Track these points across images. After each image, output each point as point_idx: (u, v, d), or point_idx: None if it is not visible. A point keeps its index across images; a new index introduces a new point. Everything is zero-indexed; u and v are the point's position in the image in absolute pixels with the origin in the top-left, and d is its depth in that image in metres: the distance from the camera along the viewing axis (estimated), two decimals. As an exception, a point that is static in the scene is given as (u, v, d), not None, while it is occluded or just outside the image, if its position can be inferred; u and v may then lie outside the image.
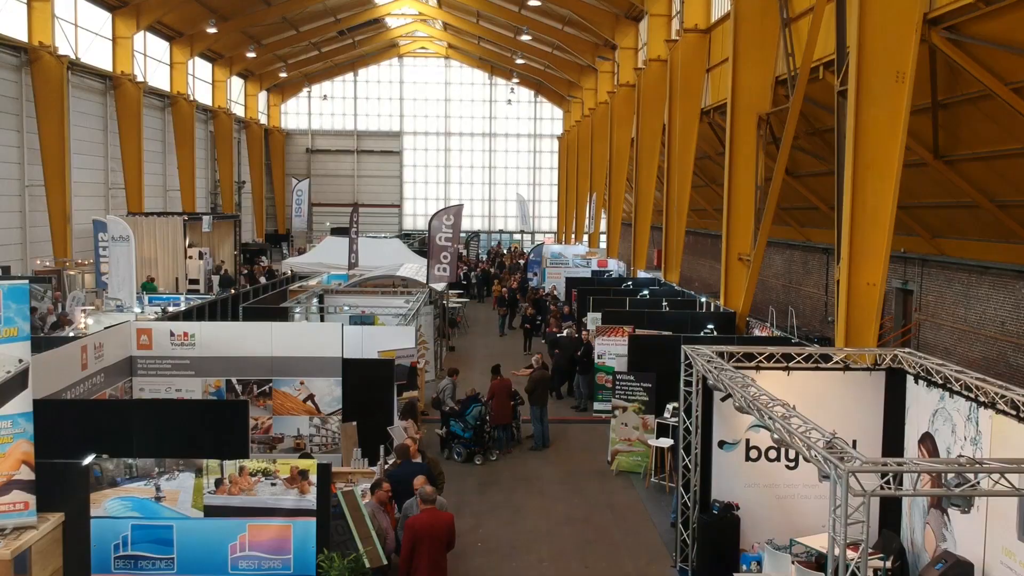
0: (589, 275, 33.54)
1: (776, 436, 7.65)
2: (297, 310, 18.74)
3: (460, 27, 52.84)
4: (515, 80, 59.15)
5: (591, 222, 45.69)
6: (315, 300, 20.86)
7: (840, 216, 14.53)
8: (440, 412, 16.07)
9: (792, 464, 10.90)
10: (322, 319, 20.82)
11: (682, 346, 11.04)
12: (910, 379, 10.57)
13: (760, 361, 10.81)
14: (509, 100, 63.39)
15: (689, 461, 10.95)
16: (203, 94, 48.45)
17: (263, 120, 59.68)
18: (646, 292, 22.52)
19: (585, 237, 48.98)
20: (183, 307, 19.82)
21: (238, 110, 54.50)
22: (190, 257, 36.03)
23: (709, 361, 10.37)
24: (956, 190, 17.97)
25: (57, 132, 30.36)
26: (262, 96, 59.62)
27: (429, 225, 22.41)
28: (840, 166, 14.85)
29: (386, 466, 10.93)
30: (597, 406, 18.74)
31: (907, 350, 10.84)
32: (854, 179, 13.24)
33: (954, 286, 21.03)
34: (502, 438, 16.10)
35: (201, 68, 48.36)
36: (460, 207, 23.19)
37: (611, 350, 18.44)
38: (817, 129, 20.96)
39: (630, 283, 25.31)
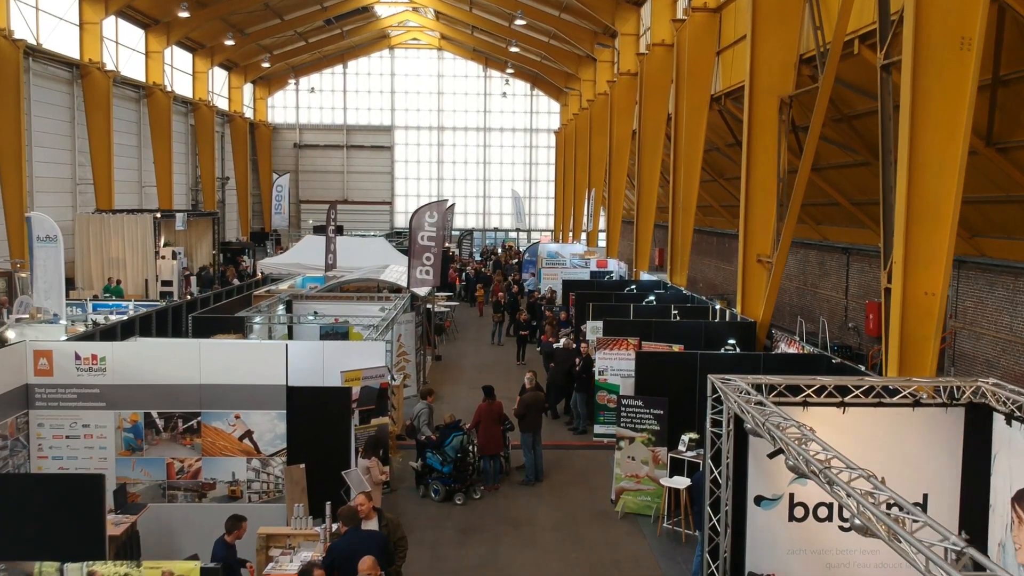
0: (588, 277, 31.25)
1: (859, 523, 5.37)
2: (257, 320, 16.43)
3: (453, 15, 50.48)
4: (509, 71, 56.70)
5: (590, 220, 43.40)
6: (281, 307, 18.57)
7: (887, 213, 12.29)
8: (416, 442, 13.78)
9: (847, 525, 8.62)
10: (290, 331, 18.56)
11: (709, 376, 8.74)
12: (999, 419, 8.30)
13: (808, 395, 8.53)
14: (504, 93, 61.05)
15: (718, 521, 8.68)
16: (183, 86, 46.10)
17: (248, 114, 57.31)
18: (652, 298, 20.19)
19: (583, 235, 46.72)
20: (132, 315, 17.46)
21: (221, 103, 52.14)
22: (162, 257, 33.82)
23: (745, 396, 8.09)
24: (1008, 182, 15.70)
25: (13, 122, 27.98)
26: (247, 89, 57.25)
27: (410, 223, 20.09)
28: (886, 153, 12.61)
29: (333, 528, 8.66)
30: (598, 429, 16.46)
31: (993, 381, 8.57)
32: (910, 168, 10.95)
33: (997, 291, 18.76)
34: (488, 471, 13.81)
35: (181, 58, 46.01)
36: (445, 203, 20.89)
37: (614, 366, 16.16)
38: (844, 115, 18.66)
39: (633, 287, 23.01)
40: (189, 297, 23.13)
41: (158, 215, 33.66)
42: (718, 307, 18.45)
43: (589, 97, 44.08)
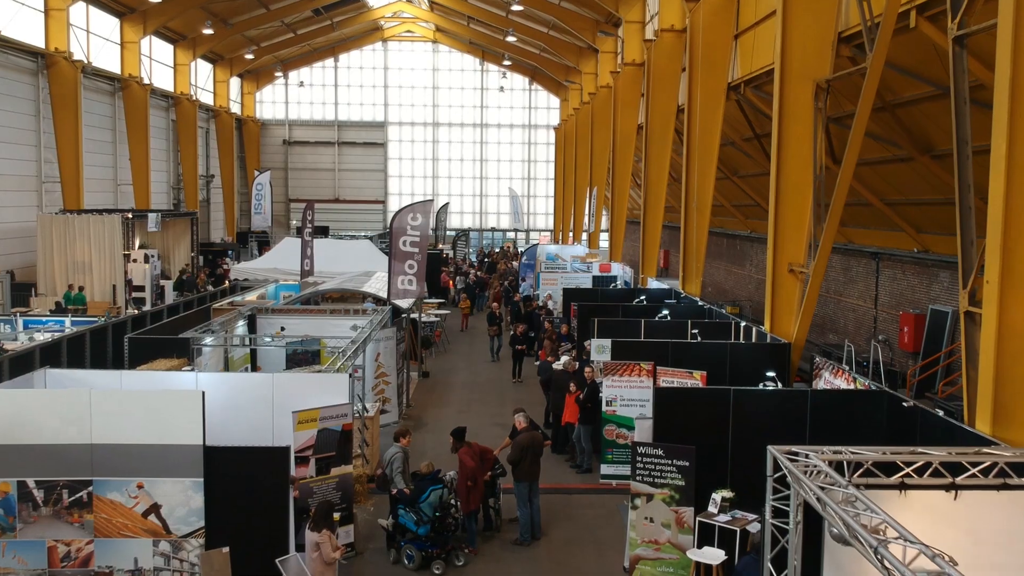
0: (590, 283, 28.92)
1: None
2: (207, 341, 14.04)
3: (448, 5, 48.13)
4: (507, 62, 54.21)
5: (591, 220, 41.04)
6: (242, 323, 16.20)
7: (964, 218, 9.97)
8: (388, 495, 11.40)
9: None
10: (253, 357, 16.25)
11: (771, 451, 6.38)
12: None
13: (907, 475, 6.17)
14: (502, 87, 58.61)
15: (780, 647, 6.33)
16: (164, 79, 43.73)
17: (235, 109, 54.91)
18: (666, 312, 17.79)
19: (584, 236, 44.36)
20: (65, 332, 15.05)
21: (206, 98, 49.77)
22: (134, 260, 31.48)
23: (823, 480, 5.73)
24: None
25: (-34, 115, 25.71)
26: (234, 83, 54.88)
27: (391, 227, 17.70)
28: (962, 145, 10.27)
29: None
30: (606, 469, 14.07)
31: None
32: (1009, 165, 8.60)
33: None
34: (473, 529, 11.44)
35: (161, 50, 43.64)
36: (430, 203, 18.52)
37: (624, 395, 13.80)
38: (887, 103, 16.26)
39: (643, 298, 20.62)
40: (135, 310, 20.63)
41: (129, 215, 31.32)
42: (743, 324, 16.06)
43: (590, 91, 41.77)
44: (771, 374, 12.33)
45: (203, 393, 7.81)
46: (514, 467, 11.64)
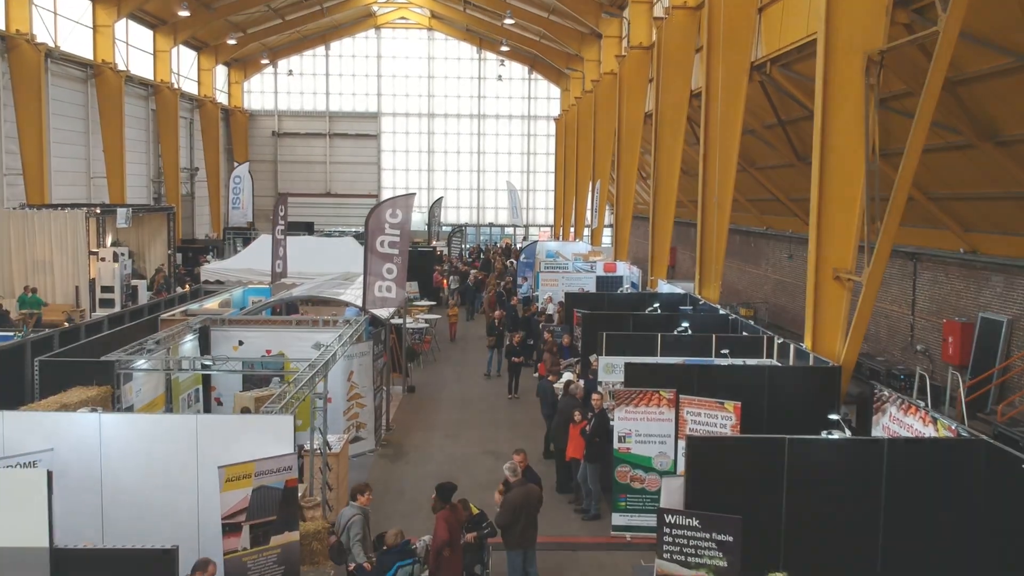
0: (594, 284, 26.56)
1: None
2: (140, 364, 11.64)
3: (443, -11, 45.77)
4: (504, 48, 51.66)
5: (594, 215, 38.62)
6: (191, 338, 13.81)
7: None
8: (346, 570, 9.03)
9: None
10: (207, 385, 13.89)
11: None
12: None
13: None
14: (500, 77, 56.12)
15: None
16: (143, 66, 41.32)
17: (222, 99, 52.44)
18: (686, 325, 15.38)
19: (586, 232, 41.95)
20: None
21: (190, 87, 47.32)
22: (102, 259, 29.11)
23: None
24: None
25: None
26: (220, 71, 52.41)
27: (366, 226, 15.29)
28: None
29: None
30: (618, 519, 11.71)
31: None
32: None
33: None
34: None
35: (140, 35, 41.21)
36: (411, 197, 16.09)
37: (640, 429, 11.45)
38: (947, 80, 13.81)
39: (657, 305, 18.22)
40: (67, 322, 18.25)
41: (97, 210, 28.96)
42: (778, 341, 13.66)
43: (593, 78, 39.34)
44: (835, 417, 9.92)
45: (49, 473, 5.44)
46: (504, 532, 9.26)
